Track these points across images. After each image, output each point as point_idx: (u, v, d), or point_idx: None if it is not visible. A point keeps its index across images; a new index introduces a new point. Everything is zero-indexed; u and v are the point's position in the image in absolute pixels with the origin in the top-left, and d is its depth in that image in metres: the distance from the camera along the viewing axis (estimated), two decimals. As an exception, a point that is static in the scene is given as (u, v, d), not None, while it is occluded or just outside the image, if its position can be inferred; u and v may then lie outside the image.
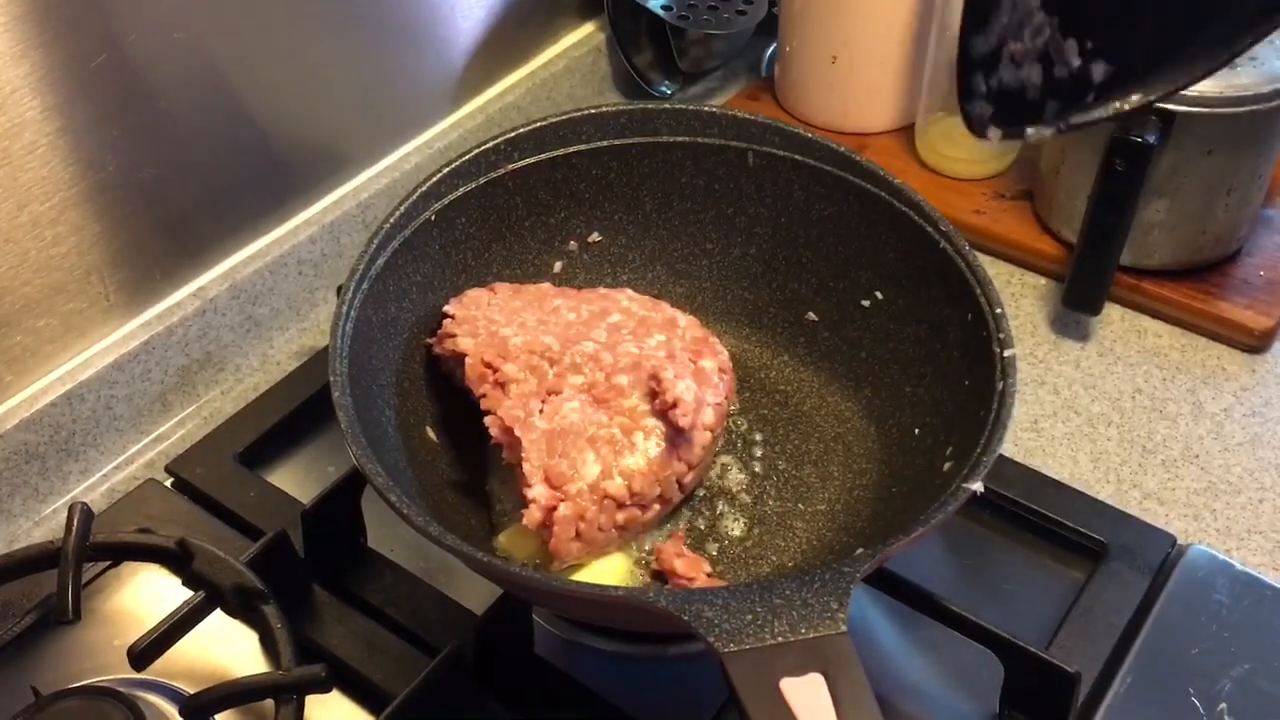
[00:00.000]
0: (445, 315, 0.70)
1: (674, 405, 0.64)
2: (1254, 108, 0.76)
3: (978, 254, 0.66)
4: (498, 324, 0.69)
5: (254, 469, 0.76)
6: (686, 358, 0.69)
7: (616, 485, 0.63)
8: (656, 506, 0.65)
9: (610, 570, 0.65)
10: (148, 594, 0.69)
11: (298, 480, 0.77)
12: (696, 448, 0.66)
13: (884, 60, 0.96)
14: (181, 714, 0.60)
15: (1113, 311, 0.86)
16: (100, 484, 0.77)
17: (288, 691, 0.60)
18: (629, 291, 0.75)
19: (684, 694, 0.65)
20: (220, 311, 0.82)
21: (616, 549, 0.66)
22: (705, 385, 0.67)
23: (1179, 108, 0.76)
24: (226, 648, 0.66)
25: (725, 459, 0.72)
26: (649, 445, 0.65)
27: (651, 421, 0.65)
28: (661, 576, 0.66)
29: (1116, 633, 0.66)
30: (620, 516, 0.64)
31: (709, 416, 0.67)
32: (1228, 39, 0.47)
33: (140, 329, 0.78)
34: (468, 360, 0.67)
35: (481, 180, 0.72)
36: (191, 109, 0.76)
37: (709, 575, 0.65)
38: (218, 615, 0.65)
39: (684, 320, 0.73)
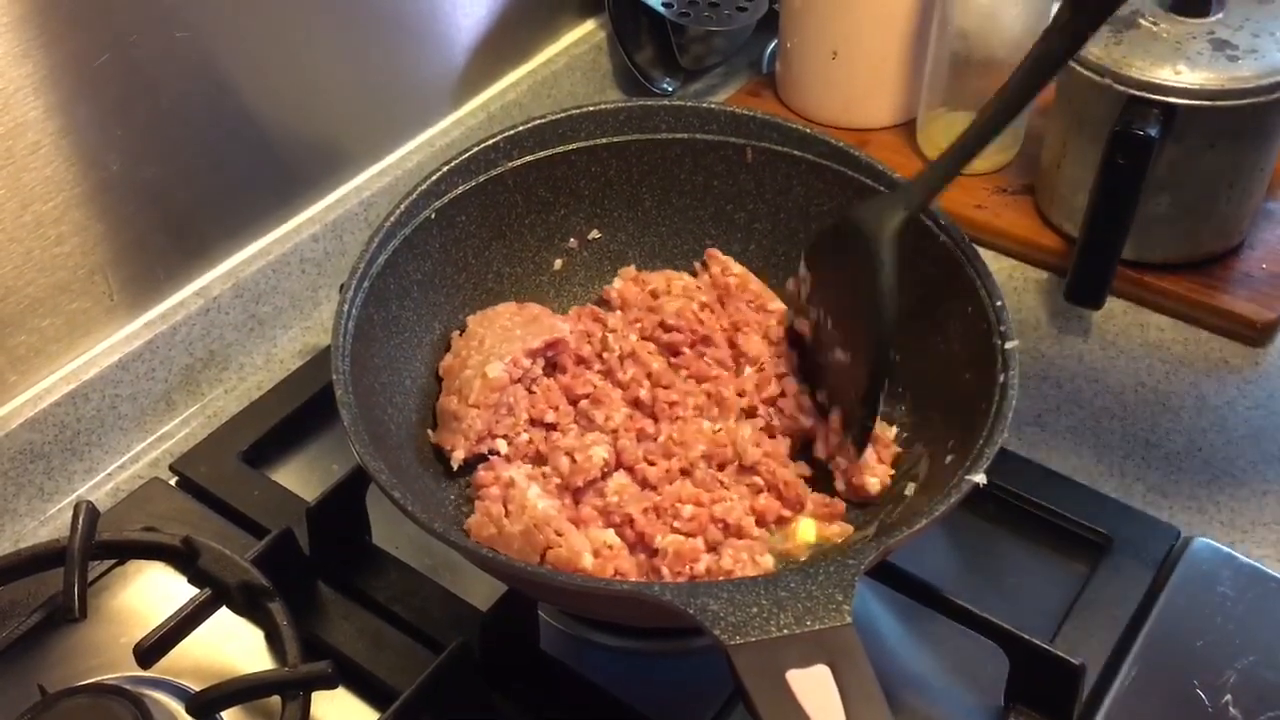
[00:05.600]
0: None
1: None
2: (1255, 100, 0.76)
3: (979, 248, 0.66)
4: None
5: (258, 467, 0.76)
6: None
7: None
8: None
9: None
10: (153, 592, 0.69)
11: (302, 478, 0.77)
12: None
13: (885, 56, 0.96)
14: (188, 711, 0.60)
15: (1115, 305, 0.86)
16: (105, 483, 0.77)
17: (294, 688, 0.60)
18: None
19: (690, 688, 0.65)
20: (224, 310, 0.82)
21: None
22: None
23: (1181, 101, 0.76)
24: (232, 645, 0.66)
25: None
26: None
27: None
28: None
29: (1121, 625, 0.66)
30: None
31: None
32: None
33: (144, 328, 0.78)
34: None
35: (481, 178, 0.72)
36: (194, 108, 0.76)
37: None
38: (223, 613, 0.65)
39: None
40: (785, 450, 0.69)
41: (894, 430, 0.69)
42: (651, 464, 0.67)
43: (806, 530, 0.65)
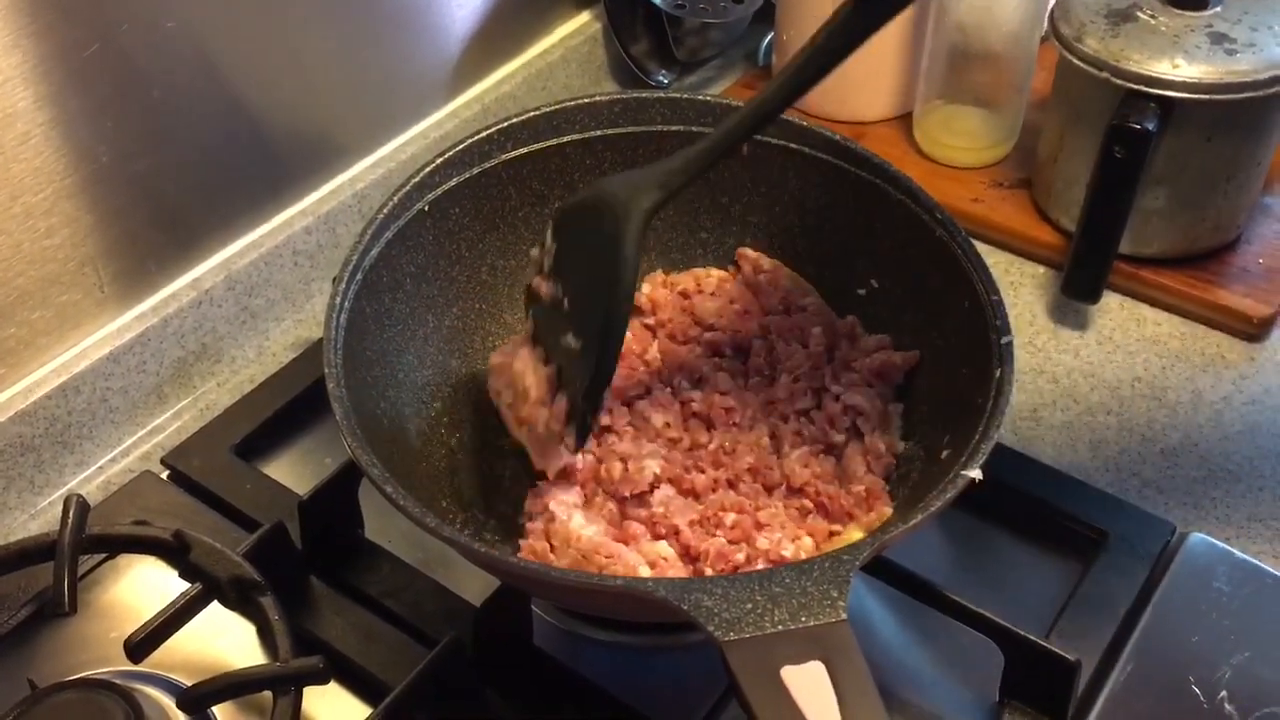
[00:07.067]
0: None
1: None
2: (1253, 94, 0.76)
3: (975, 242, 0.66)
4: None
5: (250, 461, 0.76)
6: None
7: None
8: None
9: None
10: (144, 586, 0.69)
11: (295, 472, 0.76)
12: None
13: (882, 49, 0.95)
14: (179, 706, 0.60)
15: (1111, 300, 0.86)
16: (96, 476, 0.77)
17: (285, 683, 0.59)
18: None
19: (684, 684, 0.65)
20: (216, 303, 0.81)
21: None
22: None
23: (1178, 95, 0.76)
24: (224, 640, 0.66)
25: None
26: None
27: None
28: None
29: (1116, 621, 0.66)
30: None
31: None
32: None
33: (135, 321, 0.78)
34: None
35: (474, 170, 0.72)
36: (186, 99, 0.76)
37: None
38: (215, 607, 0.64)
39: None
40: (832, 469, 0.67)
41: (893, 441, 0.68)
42: (702, 471, 0.66)
43: (854, 534, 0.64)
